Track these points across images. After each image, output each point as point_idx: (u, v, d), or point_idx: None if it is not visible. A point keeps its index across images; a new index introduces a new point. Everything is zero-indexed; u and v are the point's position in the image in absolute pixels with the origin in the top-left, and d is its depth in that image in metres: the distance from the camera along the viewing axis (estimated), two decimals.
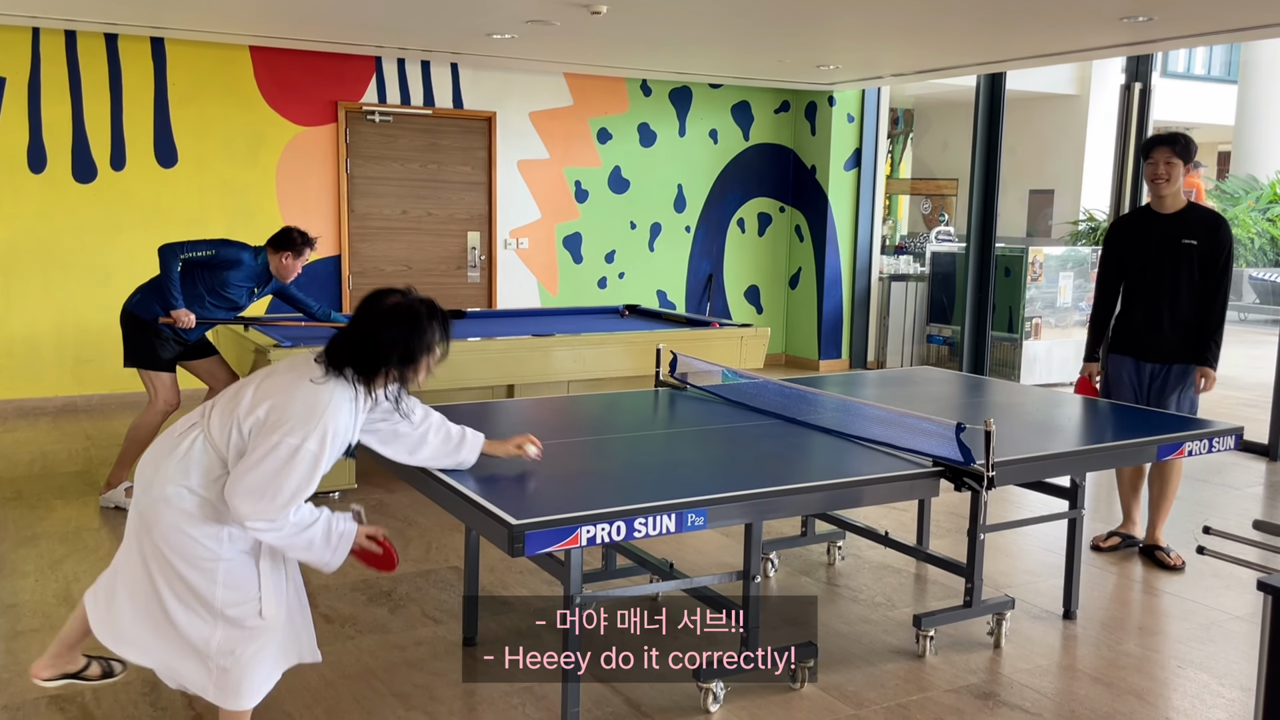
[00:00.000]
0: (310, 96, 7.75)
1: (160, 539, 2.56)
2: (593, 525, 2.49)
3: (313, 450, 2.46)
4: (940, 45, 7.10)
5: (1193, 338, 4.40)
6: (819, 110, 9.53)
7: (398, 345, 2.54)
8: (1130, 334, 4.54)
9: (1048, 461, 3.32)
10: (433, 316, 2.60)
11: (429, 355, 2.60)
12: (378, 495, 5.32)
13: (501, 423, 3.69)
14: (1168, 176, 4.37)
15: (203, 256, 4.99)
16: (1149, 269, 4.45)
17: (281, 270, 5.16)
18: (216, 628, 2.58)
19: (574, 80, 8.71)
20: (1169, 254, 4.40)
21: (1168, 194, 4.41)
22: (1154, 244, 4.44)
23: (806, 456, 3.26)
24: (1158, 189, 4.41)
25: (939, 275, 9.84)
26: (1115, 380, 4.58)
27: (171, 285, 4.92)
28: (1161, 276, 4.42)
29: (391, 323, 2.56)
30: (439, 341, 2.61)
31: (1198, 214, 4.43)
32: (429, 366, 2.61)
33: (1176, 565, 4.42)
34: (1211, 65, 18.36)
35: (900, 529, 4.77)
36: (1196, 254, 4.36)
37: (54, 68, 7.03)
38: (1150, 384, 4.49)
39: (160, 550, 2.56)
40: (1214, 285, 4.37)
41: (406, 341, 2.55)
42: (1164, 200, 4.44)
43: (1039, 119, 14.00)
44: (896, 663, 3.49)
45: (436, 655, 3.49)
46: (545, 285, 8.81)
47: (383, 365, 2.55)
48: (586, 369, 5.65)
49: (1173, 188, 4.40)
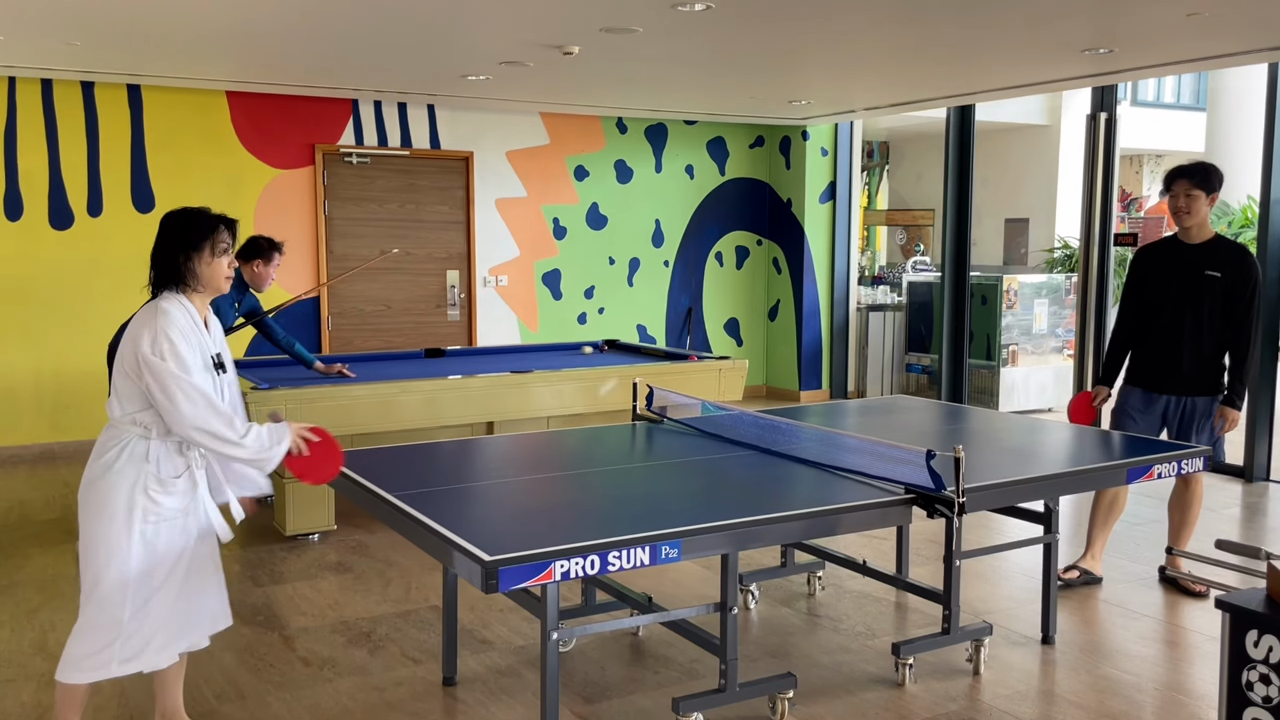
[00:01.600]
0: (287, 140, 7.80)
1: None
2: (567, 559, 2.50)
3: (177, 339, 2.79)
4: (909, 79, 7.22)
5: (1212, 371, 4.36)
6: (793, 144, 9.65)
7: (176, 238, 2.89)
8: (1146, 365, 4.48)
9: (1018, 486, 3.36)
10: (202, 213, 2.95)
11: (211, 238, 2.90)
12: (358, 536, 5.30)
13: (479, 459, 3.70)
14: (1188, 209, 4.32)
15: None
16: (1170, 300, 4.40)
17: (256, 279, 5.24)
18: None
19: (550, 119, 8.80)
20: (1191, 285, 4.34)
21: (1191, 225, 4.36)
22: (1176, 275, 4.38)
23: (781, 486, 3.28)
24: (1180, 221, 4.36)
25: (916, 305, 9.93)
26: (1120, 411, 4.54)
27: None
28: (1183, 308, 4.36)
29: (167, 226, 2.94)
30: (217, 228, 2.93)
31: (1223, 246, 4.37)
32: (214, 250, 2.91)
33: (1200, 593, 4.39)
34: (1181, 93, 18.66)
35: (880, 557, 4.79)
36: (1220, 286, 4.29)
37: (30, 116, 7.06)
38: (1166, 417, 4.43)
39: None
40: (1240, 320, 4.30)
41: (183, 233, 2.90)
42: (1189, 231, 4.39)
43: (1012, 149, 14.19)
44: (876, 691, 3.49)
45: (416, 696, 3.48)
46: (525, 322, 8.84)
47: (175, 259, 2.88)
48: (566, 405, 5.66)
49: (1195, 219, 4.34)
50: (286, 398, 4.91)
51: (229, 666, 3.72)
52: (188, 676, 3.61)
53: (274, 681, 3.59)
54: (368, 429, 5.12)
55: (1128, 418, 4.52)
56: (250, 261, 5.22)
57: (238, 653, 3.83)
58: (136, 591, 2.81)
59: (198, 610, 2.96)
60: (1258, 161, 6.73)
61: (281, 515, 5.24)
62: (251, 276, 5.24)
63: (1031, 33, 5.62)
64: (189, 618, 2.94)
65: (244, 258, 5.20)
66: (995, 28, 5.51)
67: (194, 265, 2.90)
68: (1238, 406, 4.34)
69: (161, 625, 2.86)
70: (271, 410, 3.08)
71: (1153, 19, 5.30)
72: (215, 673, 3.66)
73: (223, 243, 2.94)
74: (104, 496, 2.80)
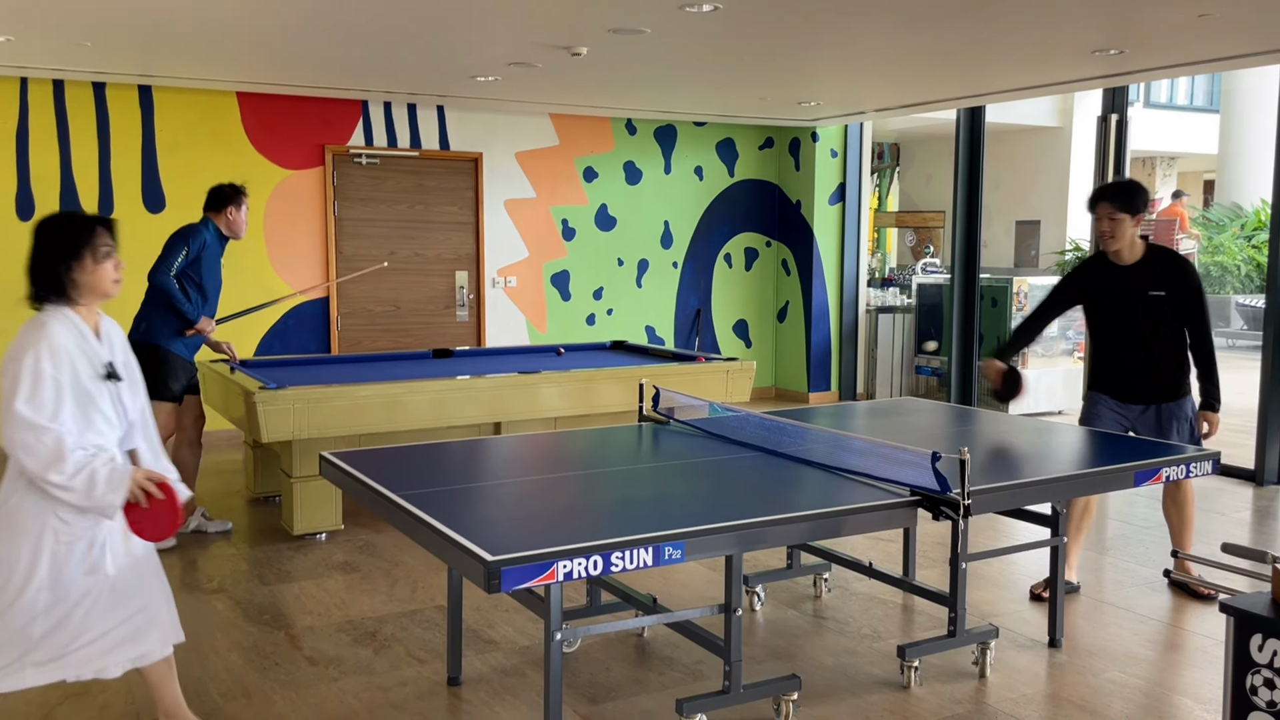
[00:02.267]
0: (297, 140, 7.83)
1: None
2: (569, 560, 2.50)
3: (46, 365, 2.66)
4: (919, 80, 7.20)
5: (1175, 378, 4.32)
6: (803, 146, 9.63)
7: (54, 247, 2.77)
8: (1110, 379, 4.44)
9: (1024, 489, 3.34)
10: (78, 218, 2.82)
11: (90, 245, 2.77)
12: (365, 536, 5.32)
13: (484, 460, 3.71)
14: (1112, 233, 4.23)
15: (184, 261, 5.11)
16: (1118, 323, 4.35)
17: (233, 226, 5.29)
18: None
19: (559, 120, 8.81)
20: (1137, 307, 4.28)
21: (1118, 248, 4.28)
22: (1119, 296, 4.32)
23: (786, 488, 3.27)
24: (1105, 245, 4.29)
25: (925, 307, 9.90)
26: (1094, 415, 4.48)
27: (181, 304, 5.08)
28: (1134, 330, 4.31)
29: (43, 234, 2.80)
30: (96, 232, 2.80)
31: (1160, 261, 4.28)
32: (96, 257, 2.78)
33: (1208, 595, 4.37)
34: (1194, 95, 18.57)
35: (887, 560, 4.77)
36: (1167, 305, 4.24)
37: (42, 116, 7.10)
38: (1139, 422, 4.40)
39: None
40: (1197, 330, 4.26)
41: (60, 241, 2.77)
42: (1119, 254, 4.31)
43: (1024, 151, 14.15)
44: (881, 694, 3.48)
45: (420, 695, 3.48)
46: (534, 323, 8.84)
47: (55, 269, 2.76)
48: (573, 406, 5.67)
49: (1120, 242, 4.26)
50: (295, 397, 4.92)
51: (235, 665, 3.73)
52: (193, 674, 3.63)
53: (280, 680, 3.60)
54: (375, 429, 5.13)
55: (1101, 418, 4.45)
56: (221, 211, 5.25)
57: (244, 651, 3.85)
58: (49, 609, 2.72)
59: (136, 621, 2.85)
60: (1271, 163, 6.70)
61: (289, 514, 5.25)
62: (227, 225, 5.27)
63: (1042, 33, 5.60)
64: (130, 629, 2.84)
65: (214, 209, 5.25)
66: (1006, 28, 5.49)
67: (75, 275, 2.76)
68: (1217, 409, 4.31)
69: (91, 637, 2.78)
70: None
71: (1164, 20, 5.28)
72: (221, 671, 3.67)
73: (104, 246, 2.80)
74: (11, 518, 2.71)
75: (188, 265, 5.13)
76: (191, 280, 5.17)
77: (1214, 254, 15.31)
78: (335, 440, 5.09)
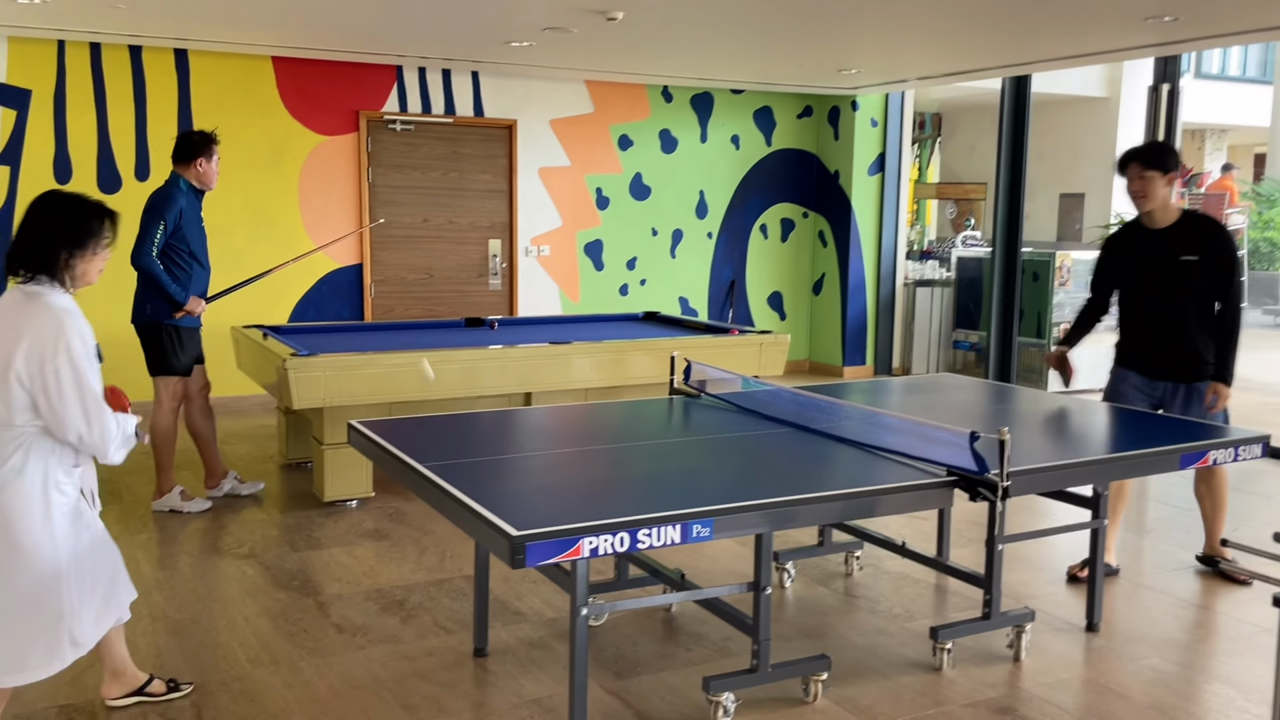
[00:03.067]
0: (332, 106, 7.79)
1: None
2: (595, 536, 2.45)
3: (79, 351, 2.71)
4: (963, 48, 7.02)
5: (1206, 354, 4.18)
6: (842, 115, 9.46)
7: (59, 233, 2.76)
8: (1136, 354, 4.33)
9: (1065, 471, 3.25)
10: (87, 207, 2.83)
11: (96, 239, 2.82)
12: (395, 504, 5.32)
13: (513, 431, 3.67)
14: (1143, 192, 4.13)
15: (164, 236, 4.85)
16: (1147, 288, 4.22)
17: (204, 178, 4.96)
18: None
19: (595, 87, 8.71)
20: (1168, 271, 4.15)
21: (1151, 209, 4.17)
22: (1150, 263, 4.20)
23: (819, 466, 3.20)
24: (1138, 205, 4.18)
25: (965, 280, 9.73)
26: (1120, 393, 4.36)
27: (168, 285, 4.88)
28: (1166, 297, 4.17)
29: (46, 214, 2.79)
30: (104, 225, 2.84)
31: (1194, 225, 4.15)
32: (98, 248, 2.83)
33: (1242, 581, 4.27)
34: (1246, 66, 18.06)
35: (921, 538, 4.70)
36: (1199, 270, 4.10)
37: (79, 80, 7.11)
38: (1165, 401, 4.28)
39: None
40: (1227, 299, 4.12)
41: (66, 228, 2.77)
42: (1152, 215, 4.19)
43: (1069, 122, 13.83)
44: (913, 676, 3.42)
45: (446, 666, 3.47)
46: (566, 292, 8.79)
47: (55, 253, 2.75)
48: (604, 377, 5.61)
49: (1153, 202, 4.14)
50: (325, 364, 4.91)
51: (263, 631, 3.74)
52: (221, 639, 3.65)
53: (307, 647, 3.60)
54: (406, 397, 5.11)
55: (1129, 396, 4.34)
56: (191, 163, 4.91)
57: (272, 618, 3.86)
58: (68, 580, 2.78)
59: (114, 581, 2.93)
60: None
61: (320, 481, 5.26)
62: (198, 178, 4.94)
63: None
64: (112, 589, 2.92)
65: (183, 161, 4.91)
66: None
67: (75, 264, 2.79)
68: (1229, 382, 4.16)
69: (91, 604, 2.84)
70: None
71: None
72: (250, 636, 3.68)
73: (106, 238, 2.85)
74: (16, 501, 2.71)
75: (171, 237, 4.87)
76: (180, 252, 4.92)
77: (1264, 229, 14.94)
78: (366, 408, 5.08)
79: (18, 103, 6.98)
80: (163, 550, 4.63)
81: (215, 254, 5.41)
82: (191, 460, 5.72)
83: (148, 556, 4.51)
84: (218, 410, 5.68)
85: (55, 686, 3.24)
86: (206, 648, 3.59)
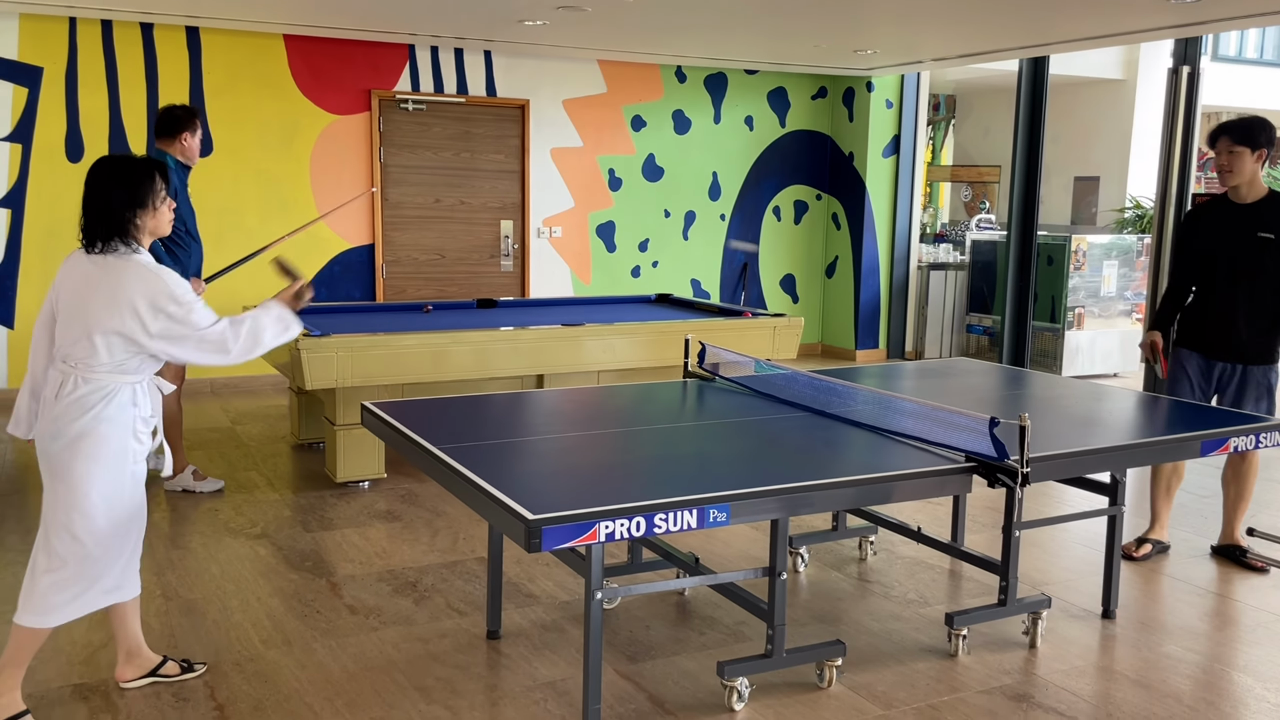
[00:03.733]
0: (344, 85, 7.75)
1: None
2: (611, 521, 2.43)
3: (187, 287, 2.88)
4: (982, 28, 6.94)
5: (1270, 339, 4.15)
6: (857, 96, 9.38)
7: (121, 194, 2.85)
8: (1199, 330, 4.30)
9: (1085, 457, 3.21)
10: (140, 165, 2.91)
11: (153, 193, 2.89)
12: (408, 485, 5.31)
13: (527, 413, 3.65)
14: (1230, 167, 4.13)
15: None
16: (1222, 263, 4.20)
17: (188, 153, 4.94)
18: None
19: (608, 67, 8.64)
20: (1244, 248, 4.13)
21: (1237, 184, 4.16)
22: (1227, 237, 4.18)
23: (834, 451, 3.18)
24: (1224, 180, 4.18)
25: (979, 264, 9.67)
26: (1175, 378, 4.35)
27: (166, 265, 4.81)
28: (1236, 273, 4.16)
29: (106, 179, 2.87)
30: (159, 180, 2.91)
31: (1277, 204, 4.15)
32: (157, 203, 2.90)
33: (1260, 568, 4.24)
34: (1264, 48, 17.85)
35: (935, 524, 4.67)
36: (1275, 248, 4.08)
37: (91, 57, 7.08)
38: (1221, 384, 4.25)
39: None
40: None
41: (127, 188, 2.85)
42: (1238, 190, 4.18)
43: (1085, 104, 13.70)
44: (928, 662, 3.40)
45: (459, 648, 3.47)
46: (578, 274, 8.76)
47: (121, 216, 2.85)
48: (617, 359, 5.59)
49: (1240, 178, 4.13)
50: (338, 345, 4.89)
51: (276, 611, 3.74)
52: (234, 619, 3.65)
53: (320, 628, 3.60)
54: (418, 379, 5.10)
55: (1181, 382, 4.32)
56: (176, 138, 4.87)
57: (285, 599, 3.85)
58: (128, 530, 2.92)
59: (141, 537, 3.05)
60: None
61: (332, 462, 5.26)
62: (183, 152, 4.91)
63: None
64: (140, 538, 3.03)
65: (167, 136, 4.86)
66: None
67: (141, 221, 2.88)
68: None
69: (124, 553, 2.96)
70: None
71: None
72: (263, 617, 3.68)
73: (163, 190, 2.93)
74: (97, 446, 2.80)
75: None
76: (177, 230, 4.77)
77: None
78: (378, 389, 5.07)
79: (29, 80, 6.96)
80: (175, 530, 4.63)
81: (226, 233, 5.41)
82: (204, 440, 5.72)
83: (160, 536, 4.51)
84: (230, 390, 5.68)
85: (69, 666, 3.25)
86: (219, 628, 3.59)
